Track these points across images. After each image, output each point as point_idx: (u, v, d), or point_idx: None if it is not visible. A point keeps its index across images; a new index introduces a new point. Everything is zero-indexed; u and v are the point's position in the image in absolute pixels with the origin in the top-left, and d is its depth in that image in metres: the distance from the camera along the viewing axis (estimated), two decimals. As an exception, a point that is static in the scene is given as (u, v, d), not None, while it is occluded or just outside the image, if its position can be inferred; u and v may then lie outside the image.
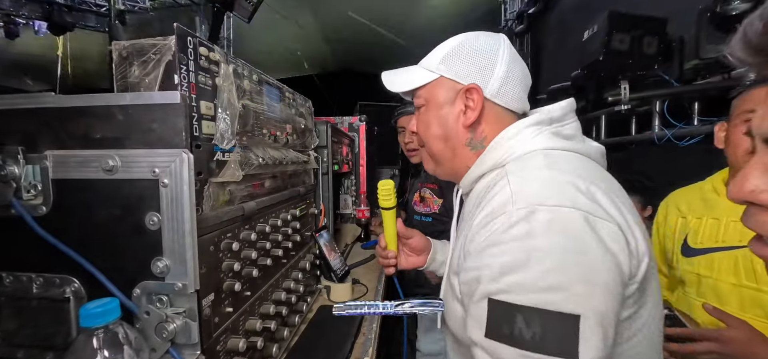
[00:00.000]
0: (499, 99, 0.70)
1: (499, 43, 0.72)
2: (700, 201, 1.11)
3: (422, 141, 0.79)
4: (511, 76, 0.70)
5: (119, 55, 0.64)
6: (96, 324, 0.50)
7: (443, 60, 0.73)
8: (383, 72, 0.82)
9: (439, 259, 1.00)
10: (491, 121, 0.71)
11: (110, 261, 0.59)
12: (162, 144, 0.58)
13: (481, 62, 0.70)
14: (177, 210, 0.57)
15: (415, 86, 0.75)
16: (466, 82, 0.70)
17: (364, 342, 1.08)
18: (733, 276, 0.95)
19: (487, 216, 0.58)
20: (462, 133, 0.72)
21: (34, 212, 0.60)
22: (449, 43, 0.74)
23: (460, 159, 0.74)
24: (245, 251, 0.79)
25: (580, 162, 0.63)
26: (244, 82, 0.80)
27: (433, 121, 0.74)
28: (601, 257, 0.50)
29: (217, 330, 0.69)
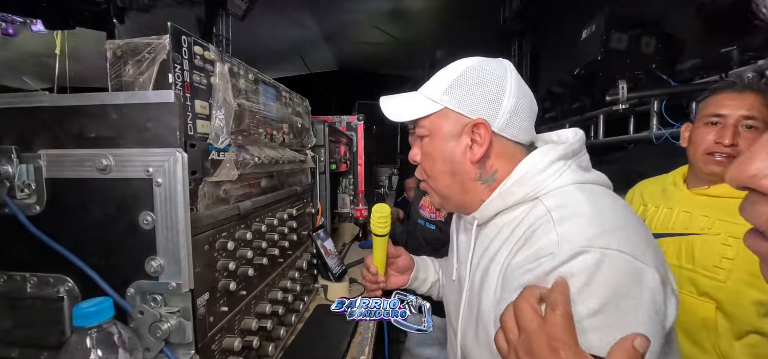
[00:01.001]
0: (508, 132, 0.69)
1: (506, 72, 0.70)
2: (660, 191, 1.21)
3: (426, 173, 0.76)
4: (519, 108, 0.69)
5: (114, 53, 0.63)
6: (89, 323, 0.50)
7: (448, 90, 0.70)
8: (381, 97, 0.79)
9: (420, 277, 1.00)
10: (500, 155, 0.70)
11: (104, 260, 0.59)
12: (156, 143, 0.58)
13: (489, 94, 0.68)
14: (171, 209, 0.57)
15: (418, 117, 0.72)
16: (474, 116, 0.68)
17: (361, 341, 1.08)
18: (675, 259, 1.04)
19: (531, 255, 0.57)
20: (470, 169, 0.70)
21: (28, 211, 0.59)
22: (453, 71, 0.71)
23: (471, 194, 0.72)
24: (241, 250, 0.79)
25: (609, 198, 0.63)
26: (240, 81, 0.80)
27: (438, 156, 0.72)
28: (643, 303, 0.51)
29: (212, 329, 0.69)
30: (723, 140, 1.02)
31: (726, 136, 1.02)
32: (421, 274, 1.00)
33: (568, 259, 0.52)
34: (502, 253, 0.65)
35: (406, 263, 0.98)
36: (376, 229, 0.91)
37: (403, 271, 0.98)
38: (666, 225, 1.11)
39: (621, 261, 0.51)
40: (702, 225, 1.03)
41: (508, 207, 0.68)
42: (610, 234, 0.53)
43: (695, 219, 1.05)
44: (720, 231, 0.98)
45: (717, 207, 1.02)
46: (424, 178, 0.78)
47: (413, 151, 0.78)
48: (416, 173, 0.81)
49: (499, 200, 0.69)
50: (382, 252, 0.93)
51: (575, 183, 0.64)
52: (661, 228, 1.12)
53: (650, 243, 0.57)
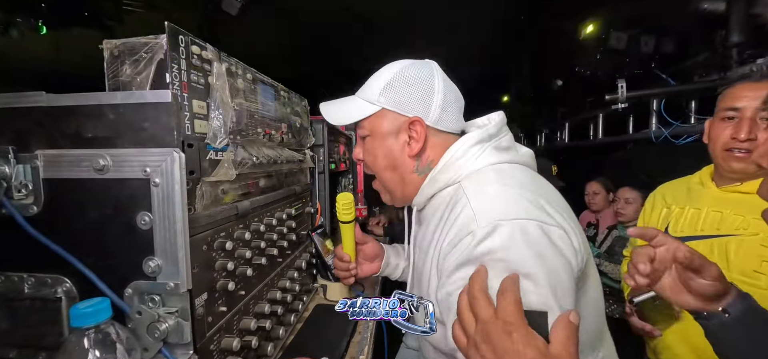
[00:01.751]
0: (440, 125, 0.76)
1: (433, 71, 0.77)
2: (685, 192, 1.15)
3: (371, 170, 0.84)
4: (447, 102, 0.76)
5: (111, 53, 0.63)
6: (87, 323, 0.50)
7: (383, 92, 0.76)
8: (321, 104, 0.86)
9: (392, 263, 1.05)
10: (434, 146, 0.77)
11: (102, 260, 0.59)
12: (153, 143, 0.57)
13: (419, 92, 0.75)
14: (168, 209, 0.57)
15: (357, 119, 0.79)
16: (409, 114, 0.75)
17: (360, 340, 1.08)
18: None
19: (455, 236, 0.64)
20: (409, 162, 0.77)
21: (25, 212, 0.59)
22: (385, 74, 0.77)
23: (409, 185, 0.79)
24: (239, 250, 0.79)
25: (522, 173, 0.72)
26: (238, 81, 0.80)
27: (380, 153, 0.79)
28: (556, 258, 0.59)
29: (211, 329, 0.69)
30: (739, 135, 0.96)
31: (742, 130, 0.96)
32: (392, 260, 1.05)
33: (486, 235, 0.59)
34: (435, 236, 0.72)
35: (375, 250, 1.03)
36: (342, 216, 0.94)
37: (372, 258, 1.03)
38: (694, 226, 1.04)
39: (530, 226, 0.59)
40: (736, 225, 0.95)
41: (437, 192, 0.76)
42: (517, 205, 0.62)
43: (728, 219, 0.97)
44: (758, 231, 0.90)
45: (752, 204, 0.93)
46: (370, 173, 0.85)
47: (356, 151, 0.86)
48: (365, 170, 0.88)
49: (428, 186, 0.76)
50: (350, 238, 0.98)
51: (490, 164, 0.72)
52: (688, 231, 1.05)
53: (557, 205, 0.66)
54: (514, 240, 0.58)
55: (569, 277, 0.59)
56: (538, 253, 0.57)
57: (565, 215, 0.66)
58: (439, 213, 0.73)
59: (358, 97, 0.81)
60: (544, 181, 0.74)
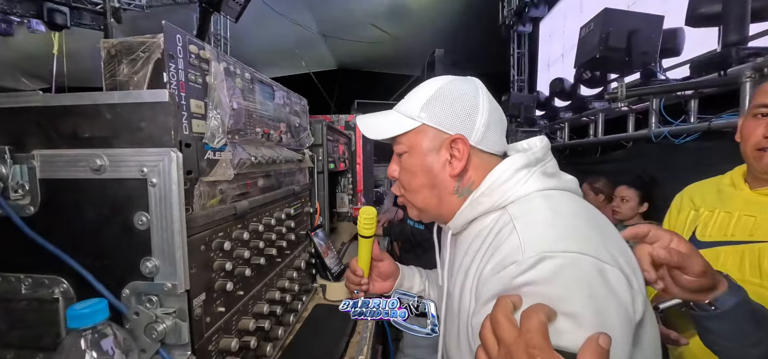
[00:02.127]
0: (483, 145, 0.72)
1: (477, 89, 0.73)
2: (715, 193, 1.06)
3: (404, 188, 0.79)
4: (492, 122, 0.72)
5: (108, 53, 0.63)
6: (84, 324, 0.50)
7: (424, 107, 0.72)
8: (358, 117, 0.82)
9: (405, 286, 1.00)
10: (477, 167, 0.72)
11: (99, 261, 0.58)
12: (150, 143, 0.57)
13: (464, 109, 0.71)
14: (166, 209, 0.56)
15: (397, 134, 0.75)
16: (451, 131, 0.70)
17: (359, 341, 1.08)
18: (737, 272, 0.90)
19: (498, 264, 0.59)
20: (449, 182, 0.73)
21: (22, 212, 0.59)
22: (427, 89, 0.74)
23: (446, 206, 0.75)
24: (238, 250, 0.79)
25: (573, 201, 0.66)
26: (236, 80, 0.80)
27: (418, 170, 0.74)
28: (609, 302, 0.52)
29: (209, 330, 0.68)
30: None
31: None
32: (405, 283, 1.00)
33: (531, 266, 0.54)
34: (474, 263, 0.67)
35: (390, 269, 0.98)
36: (363, 231, 0.92)
37: (386, 277, 0.99)
38: (724, 232, 0.97)
39: (583, 262, 0.53)
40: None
41: (478, 216, 0.71)
42: (570, 238, 0.56)
43: (762, 224, 0.91)
44: None
45: None
46: (401, 193, 0.80)
47: (391, 168, 0.81)
48: (393, 189, 0.83)
49: (469, 210, 0.71)
50: (367, 254, 0.95)
51: (538, 190, 0.66)
52: (717, 236, 0.98)
53: (614, 243, 0.59)
54: (561, 275, 0.52)
55: (623, 325, 0.52)
56: (589, 293, 0.51)
57: (625, 253, 0.59)
58: (480, 240, 0.68)
59: (396, 111, 0.77)
60: (597, 213, 0.67)
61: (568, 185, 0.72)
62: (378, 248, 0.97)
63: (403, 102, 0.77)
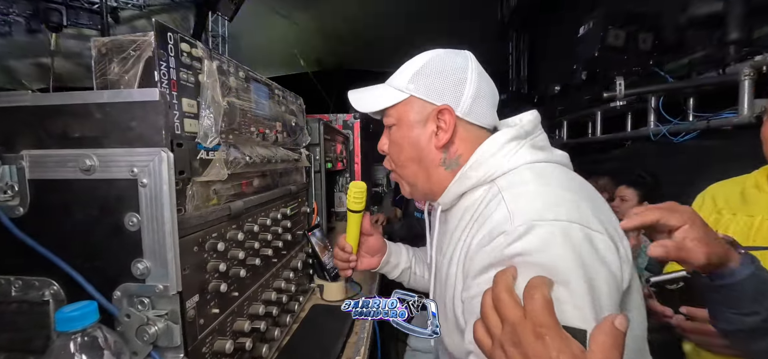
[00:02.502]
0: (471, 117, 0.71)
1: (467, 60, 0.73)
2: (738, 195, 1.01)
3: (394, 162, 0.79)
4: (480, 94, 0.71)
5: (99, 51, 0.62)
6: (73, 327, 0.49)
7: (412, 79, 0.72)
8: (349, 91, 0.82)
9: (392, 262, 1.00)
10: (464, 140, 0.72)
11: (89, 262, 0.58)
12: (141, 142, 0.56)
13: (451, 81, 0.70)
14: (157, 210, 0.55)
15: (385, 106, 0.74)
16: (438, 102, 0.70)
17: (357, 341, 1.07)
18: None
19: (486, 235, 0.59)
20: (435, 154, 0.72)
21: (11, 213, 0.58)
22: (417, 61, 0.74)
23: (435, 179, 0.74)
24: (232, 251, 0.78)
25: (562, 172, 0.67)
26: (230, 79, 0.79)
27: (405, 143, 0.74)
28: (599, 268, 0.53)
29: (203, 331, 0.68)
30: None
31: None
32: (392, 259, 1.00)
33: (521, 235, 0.53)
34: (463, 237, 0.67)
35: (378, 244, 0.98)
36: (352, 205, 0.90)
37: (373, 253, 0.98)
38: (746, 236, 0.92)
39: (572, 230, 0.53)
40: None
41: (467, 190, 0.70)
42: (559, 207, 0.56)
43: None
44: None
45: None
46: (392, 168, 0.81)
47: (381, 141, 0.81)
48: (384, 163, 0.83)
49: (457, 184, 0.71)
50: (356, 228, 0.93)
51: (527, 163, 0.66)
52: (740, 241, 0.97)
53: (602, 211, 0.60)
54: (551, 243, 0.52)
55: (613, 291, 0.53)
56: (579, 260, 0.51)
57: (612, 222, 0.60)
58: (470, 214, 0.68)
59: (387, 84, 0.77)
60: (586, 183, 0.68)
61: (558, 158, 0.71)
62: (369, 222, 0.95)
63: (395, 75, 0.77)
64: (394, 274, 1.02)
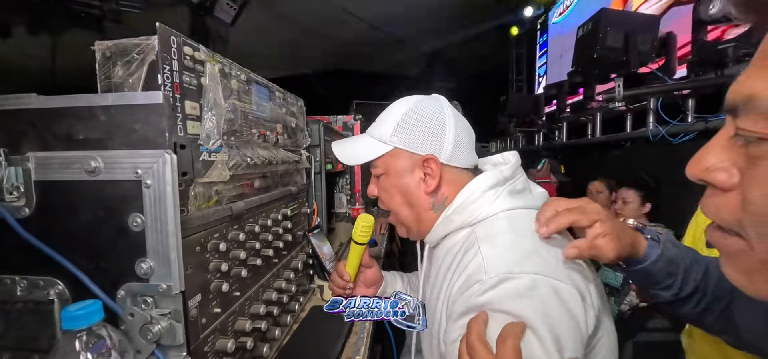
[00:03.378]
0: (454, 161, 0.77)
1: (442, 106, 0.78)
2: None
3: (387, 207, 0.84)
4: (459, 138, 0.77)
5: (102, 54, 0.63)
6: (78, 326, 0.50)
7: (395, 131, 0.77)
8: (333, 143, 0.87)
9: (388, 292, 1.04)
10: (449, 182, 0.77)
11: (94, 262, 0.58)
12: (145, 144, 0.57)
13: (431, 129, 0.76)
14: (160, 211, 0.56)
15: (371, 158, 0.80)
16: (422, 152, 0.76)
17: (356, 341, 1.08)
18: None
19: (464, 283, 0.65)
20: (424, 199, 0.78)
21: (17, 214, 0.59)
22: (395, 113, 0.79)
23: (425, 222, 0.80)
24: (234, 251, 0.79)
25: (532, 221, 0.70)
26: (232, 82, 0.80)
27: (395, 191, 0.80)
28: (562, 318, 0.58)
29: (205, 330, 0.69)
30: None
31: None
32: (388, 289, 1.05)
33: (493, 286, 0.59)
34: (446, 279, 0.72)
35: (376, 277, 1.02)
36: (358, 237, 0.94)
37: (370, 284, 1.03)
38: None
39: (539, 282, 0.59)
40: None
41: (450, 232, 0.76)
42: (527, 259, 0.61)
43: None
44: None
45: None
46: (386, 210, 0.85)
47: (371, 188, 0.86)
48: (380, 205, 0.87)
49: (442, 227, 0.77)
50: (356, 260, 0.97)
51: (504, 210, 0.72)
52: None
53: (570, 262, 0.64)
54: (518, 294, 0.58)
55: (575, 339, 0.59)
56: (543, 311, 0.57)
57: (581, 271, 0.65)
58: (451, 256, 0.73)
59: (369, 135, 0.82)
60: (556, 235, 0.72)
61: (537, 202, 0.76)
62: (368, 255, 0.99)
63: (375, 126, 0.82)
64: None
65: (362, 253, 0.96)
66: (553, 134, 4.09)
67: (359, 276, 1.01)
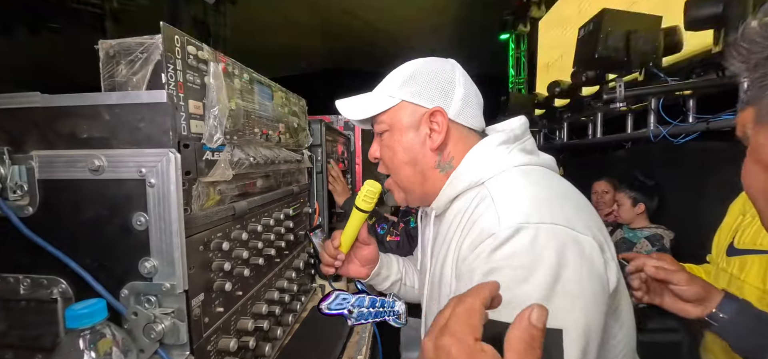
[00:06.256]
0: (462, 119, 0.73)
1: (453, 66, 0.75)
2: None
3: (388, 168, 0.79)
4: (469, 97, 0.74)
5: (106, 54, 0.63)
6: (82, 325, 0.50)
7: (402, 85, 0.73)
8: (337, 101, 0.82)
9: (383, 274, 0.98)
10: (456, 141, 0.73)
11: (97, 261, 0.59)
12: (149, 143, 0.57)
13: (441, 84, 0.72)
14: (164, 210, 0.56)
15: (377, 112, 0.75)
16: (430, 105, 0.72)
17: (358, 341, 1.08)
18: (760, 282, 0.88)
19: (476, 238, 0.60)
20: (430, 157, 0.74)
21: (21, 213, 0.59)
22: (405, 69, 0.75)
23: (430, 182, 0.75)
24: (236, 251, 0.79)
25: (548, 176, 0.69)
26: (235, 81, 0.80)
27: (399, 147, 0.75)
28: (583, 269, 0.54)
29: (208, 330, 0.69)
30: None
31: None
32: (383, 271, 0.99)
33: (508, 238, 0.55)
34: (455, 239, 0.68)
35: (372, 255, 0.95)
36: (361, 203, 0.85)
37: (365, 263, 0.95)
38: (755, 240, 0.95)
39: (557, 232, 0.55)
40: None
41: (459, 193, 0.71)
42: (544, 209, 0.57)
43: None
44: None
45: None
46: (386, 172, 0.81)
47: (372, 148, 0.81)
48: (380, 169, 0.83)
49: (450, 188, 0.72)
50: (355, 230, 0.88)
51: (516, 166, 0.68)
52: (749, 244, 0.96)
53: (587, 214, 0.62)
54: (536, 245, 0.54)
55: (598, 292, 0.55)
56: (563, 261, 0.53)
57: (598, 224, 0.62)
58: (461, 216, 0.69)
59: (376, 92, 0.78)
60: (572, 187, 0.70)
61: (546, 162, 0.74)
62: (366, 232, 0.92)
63: (383, 83, 0.78)
64: (383, 286, 1.00)
65: (362, 223, 0.88)
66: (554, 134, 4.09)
67: (354, 252, 0.93)
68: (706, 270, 1.13)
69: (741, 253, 0.99)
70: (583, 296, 0.53)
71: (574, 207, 0.61)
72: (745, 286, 0.94)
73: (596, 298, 0.55)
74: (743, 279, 0.95)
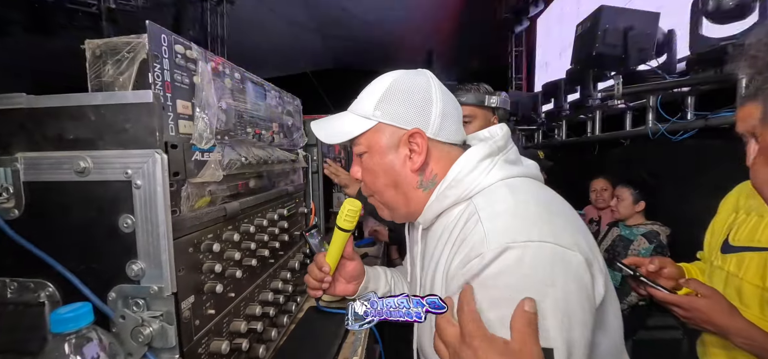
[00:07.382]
0: (442, 136, 0.72)
1: (428, 80, 0.73)
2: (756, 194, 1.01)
3: (371, 190, 0.78)
4: (446, 111, 0.72)
5: (93, 53, 0.62)
6: (67, 329, 0.49)
7: (378, 105, 0.71)
8: (312, 123, 0.81)
9: (370, 288, 0.98)
10: (438, 159, 0.72)
11: (84, 264, 0.58)
12: (135, 144, 0.56)
13: (417, 102, 0.70)
14: (151, 211, 0.56)
15: (353, 136, 0.74)
16: (408, 126, 0.70)
17: (353, 341, 1.07)
18: (759, 279, 0.88)
19: (464, 257, 0.61)
20: (411, 177, 0.72)
21: (6, 215, 0.58)
22: (379, 86, 0.73)
23: (414, 202, 0.74)
24: (228, 252, 0.78)
25: (537, 188, 0.69)
26: (226, 81, 0.79)
27: (379, 170, 0.74)
28: (569, 285, 0.55)
29: (199, 332, 0.68)
30: None
31: None
32: (371, 285, 0.98)
33: (495, 258, 0.56)
34: (443, 256, 0.68)
35: (357, 270, 0.96)
36: (342, 223, 0.86)
37: (350, 279, 0.96)
38: (752, 237, 0.94)
39: (545, 250, 0.55)
40: None
41: (446, 209, 0.71)
42: (532, 227, 0.57)
43: None
44: None
45: None
46: (369, 193, 0.80)
47: (354, 169, 0.80)
48: (362, 190, 0.82)
49: (436, 203, 0.71)
50: (339, 249, 0.89)
51: (502, 179, 0.68)
52: (745, 241, 0.95)
53: (574, 227, 0.62)
54: (522, 265, 0.54)
55: (586, 309, 0.56)
56: (549, 280, 0.54)
57: (585, 237, 0.62)
58: (448, 232, 0.68)
59: (351, 112, 0.76)
60: (558, 197, 0.69)
61: (530, 171, 0.73)
62: (351, 247, 0.92)
63: (357, 102, 0.76)
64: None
65: (346, 241, 0.89)
66: (553, 132, 4.08)
67: (338, 271, 0.93)
68: (700, 267, 1.12)
69: (737, 250, 0.98)
70: (570, 314, 0.53)
71: (560, 220, 0.61)
72: (743, 284, 0.93)
73: (584, 315, 0.55)
74: (742, 277, 0.94)
